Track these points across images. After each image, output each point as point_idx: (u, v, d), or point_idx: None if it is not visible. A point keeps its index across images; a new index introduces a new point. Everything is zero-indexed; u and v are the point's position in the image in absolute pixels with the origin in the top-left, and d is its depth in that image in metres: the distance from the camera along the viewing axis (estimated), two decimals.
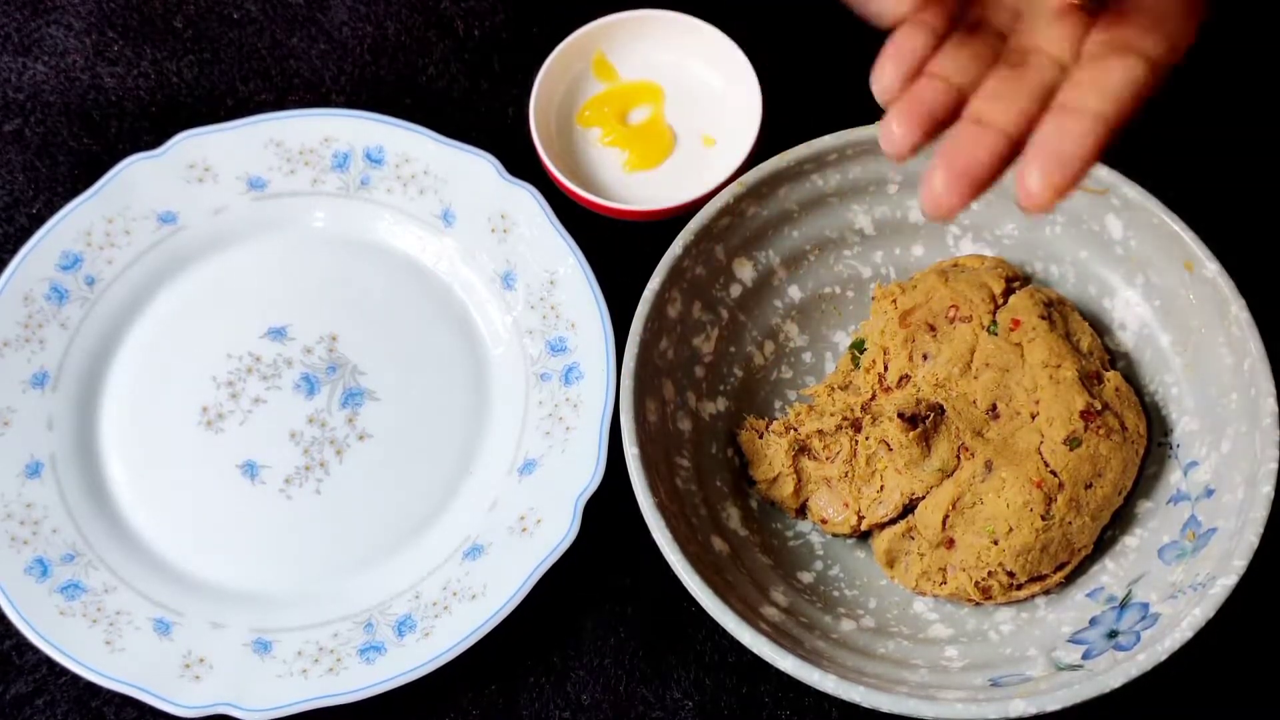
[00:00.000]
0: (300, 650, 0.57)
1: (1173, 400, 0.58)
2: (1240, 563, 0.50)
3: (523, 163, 0.66)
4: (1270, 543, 0.51)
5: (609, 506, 0.58)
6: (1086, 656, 0.52)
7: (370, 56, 0.71)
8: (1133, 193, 0.57)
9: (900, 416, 0.55)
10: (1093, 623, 0.54)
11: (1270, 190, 0.66)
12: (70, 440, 0.62)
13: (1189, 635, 0.49)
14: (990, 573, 0.55)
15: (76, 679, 0.58)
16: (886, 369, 0.58)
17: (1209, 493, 0.54)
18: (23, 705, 0.58)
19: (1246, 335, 0.54)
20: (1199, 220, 0.56)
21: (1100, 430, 0.55)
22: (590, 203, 0.64)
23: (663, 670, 0.58)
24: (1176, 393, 0.58)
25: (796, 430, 0.58)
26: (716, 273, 0.60)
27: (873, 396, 0.58)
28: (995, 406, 0.56)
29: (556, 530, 0.57)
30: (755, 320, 0.62)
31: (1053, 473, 0.55)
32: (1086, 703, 0.48)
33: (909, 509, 0.56)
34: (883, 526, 0.57)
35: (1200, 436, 0.56)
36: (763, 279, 0.62)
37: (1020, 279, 0.60)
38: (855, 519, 0.57)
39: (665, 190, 0.66)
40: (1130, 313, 0.60)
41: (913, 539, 0.56)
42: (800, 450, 0.58)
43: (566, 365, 0.62)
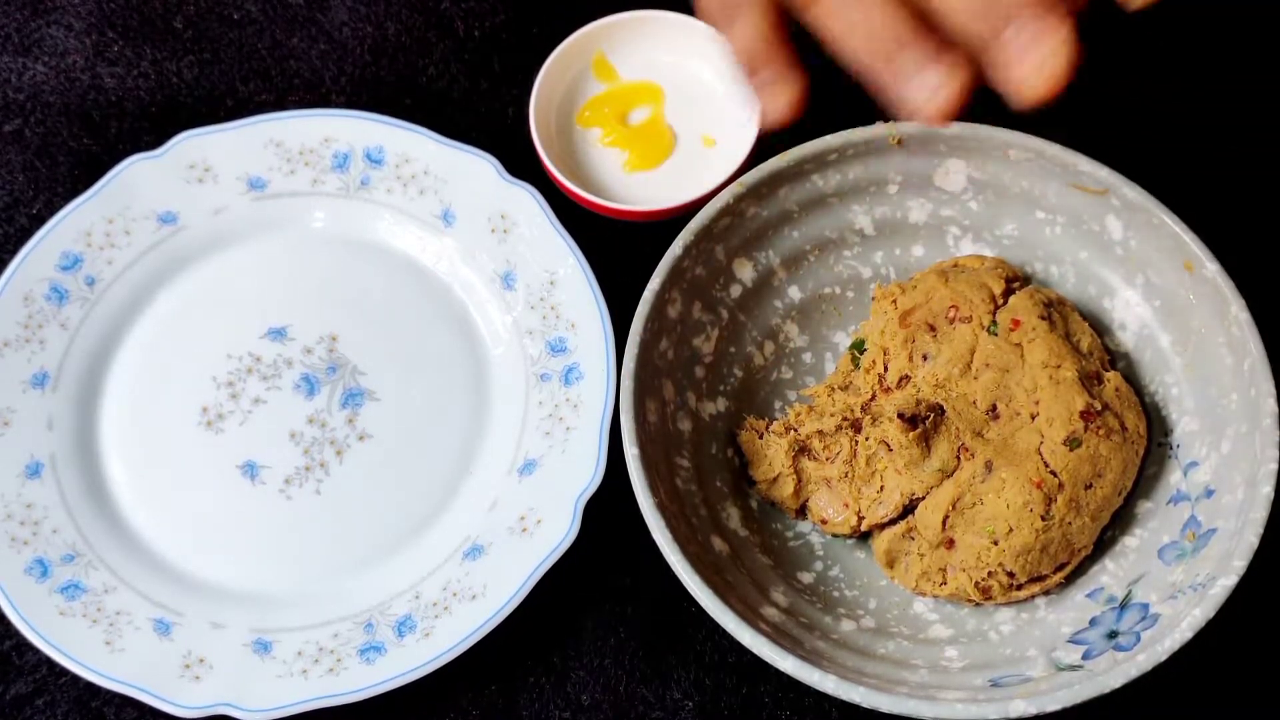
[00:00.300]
0: (300, 650, 0.57)
1: (1173, 400, 0.58)
2: (1240, 563, 0.50)
3: (523, 163, 0.66)
4: (1270, 543, 0.51)
5: (609, 506, 0.58)
6: (1086, 657, 0.52)
7: (370, 56, 0.71)
8: (1133, 193, 0.57)
9: (900, 417, 0.55)
10: (1093, 623, 0.54)
11: (1270, 190, 0.66)
12: (70, 440, 0.62)
13: (1189, 635, 0.49)
14: (990, 573, 0.55)
15: (76, 679, 0.58)
16: (886, 369, 0.58)
17: (1209, 493, 0.54)
18: (23, 705, 0.58)
19: (1246, 335, 0.54)
20: (1199, 220, 0.56)
21: (1100, 430, 0.55)
22: (590, 203, 0.64)
23: (663, 670, 0.58)
24: (1176, 393, 0.58)
25: (796, 430, 0.58)
26: (716, 273, 0.60)
27: (873, 397, 0.58)
28: (995, 407, 0.56)
29: (556, 530, 0.57)
30: (755, 320, 0.62)
31: (1053, 473, 0.55)
32: (1086, 703, 0.48)
33: (909, 509, 0.56)
34: (883, 527, 0.57)
35: (1200, 436, 0.56)
36: (763, 279, 0.62)
37: (1020, 279, 0.60)
38: (855, 519, 0.57)
39: (665, 190, 0.66)
40: (1130, 313, 0.60)
41: (913, 539, 0.56)
42: (800, 450, 0.58)
43: (566, 365, 0.62)
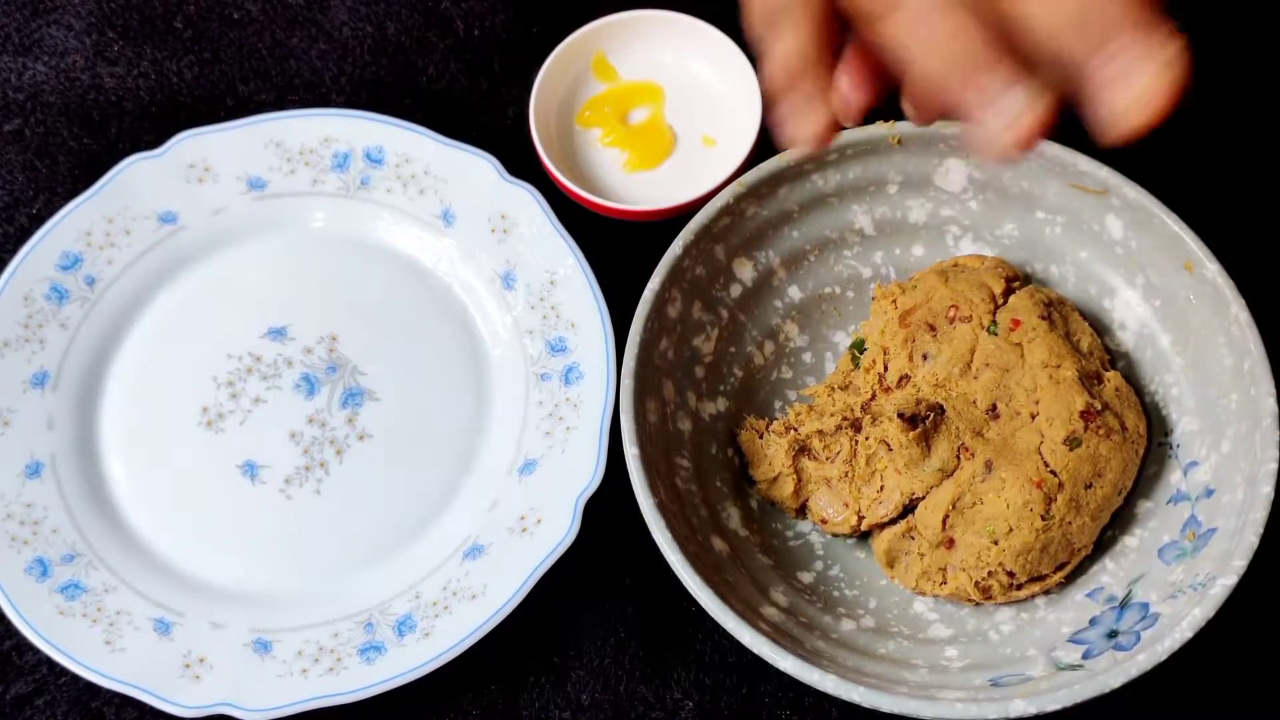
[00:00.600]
0: (300, 650, 0.57)
1: (1173, 400, 0.58)
2: (1240, 563, 0.50)
3: (523, 163, 0.66)
4: (1270, 543, 0.51)
5: (609, 506, 0.58)
6: (1086, 656, 0.52)
7: (370, 56, 0.71)
8: (1133, 193, 0.57)
9: (900, 416, 0.55)
10: (1093, 623, 0.54)
11: (1270, 190, 0.66)
12: (70, 440, 0.62)
13: (1189, 635, 0.49)
14: (990, 573, 0.55)
15: (76, 679, 0.58)
16: (886, 369, 0.58)
17: (1209, 493, 0.54)
18: (23, 705, 0.58)
19: (1246, 335, 0.54)
20: (1199, 220, 0.56)
21: (1100, 430, 0.55)
22: (590, 203, 0.64)
23: (663, 670, 0.58)
24: (1176, 393, 0.58)
25: (796, 430, 0.58)
26: (716, 273, 0.60)
27: (873, 396, 0.58)
28: (995, 406, 0.56)
29: (556, 530, 0.57)
30: (755, 320, 0.62)
31: (1053, 473, 0.55)
32: (1086, 703, 0.48)
33: (909, 509, 0.56)
34: (883, 526, 0.57)
35: (1200, 436, 0.56)
36: (763, 279, 0.62)
37: (1020, 279, 0.60)
38: (855, 519, 0.57)
39: (665, 190, 0.66)
40: (1130, 313, 0.60)
41: (913, 539, 0.56)
42: (800, 450, 0.58)
43: (566, 365, 0.62)
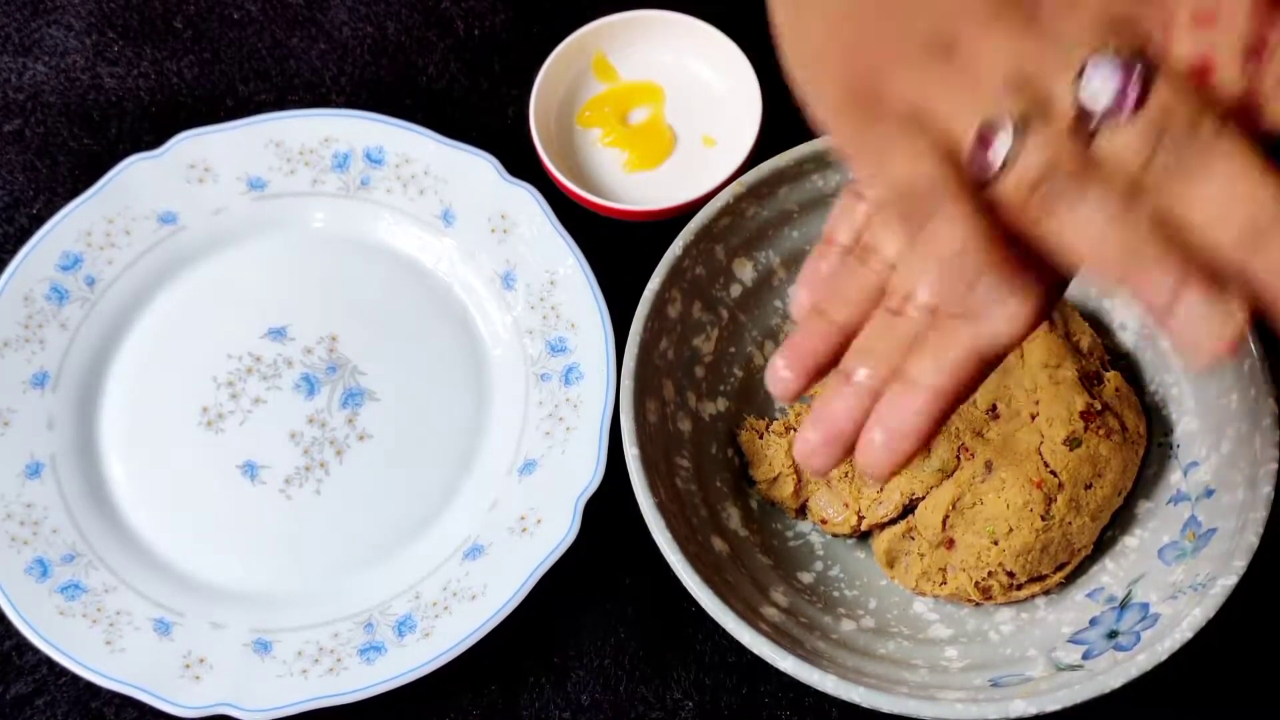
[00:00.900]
0: (300, 650, 0.57)
1: (1173, 400, 0.58)
2: (1240, 563, 0.50)
3: (523, 163, 0.66)
4: (1270, 543, 0.51)
5: (609, 506, 0.58)
6: (1086, 656, 0.52)
7: (370, 56, 0.71)
8: None
9: None
10: (1093, 623, 0.54)
11: None
12: (70, 440, 0.62)
13: (1189, 635, 0.49)
14: (990, 573, 0.55)
15: (76, 679, 0.58)
16: None
17: (1209, 493, 0.54)
18: (23, 705, 0.58)
19: (1246, 335, 0.54)
20: None
21: (1100, 430, 0.55)
22: (590, 203, 0.64)
23: (663, 670, 0.58)
24: (1176, 393, 0.58)
25: (796, 430, 0.58)
26: (716, 273, 0.60)
27: None
28: (995, 406, 0.56)
29: (556, 530, 0.57)
30: (755, 320, 0.62)
31: (1053, 473, 0.55)
32: (1086, 703, 0.48)
33: (909, 509, 0.56)
34: (883, 527, 0.57)
35: (1200, 436, 0.56)
36: (763, 279, 0.62)
37: None
38: (855, 519, 0.57)
39: (665, 190, 0.66)
40: (1130, 313, 0.60)
41: (913, 539, 0.56)
42: None
43: (566, 365, 0.62)
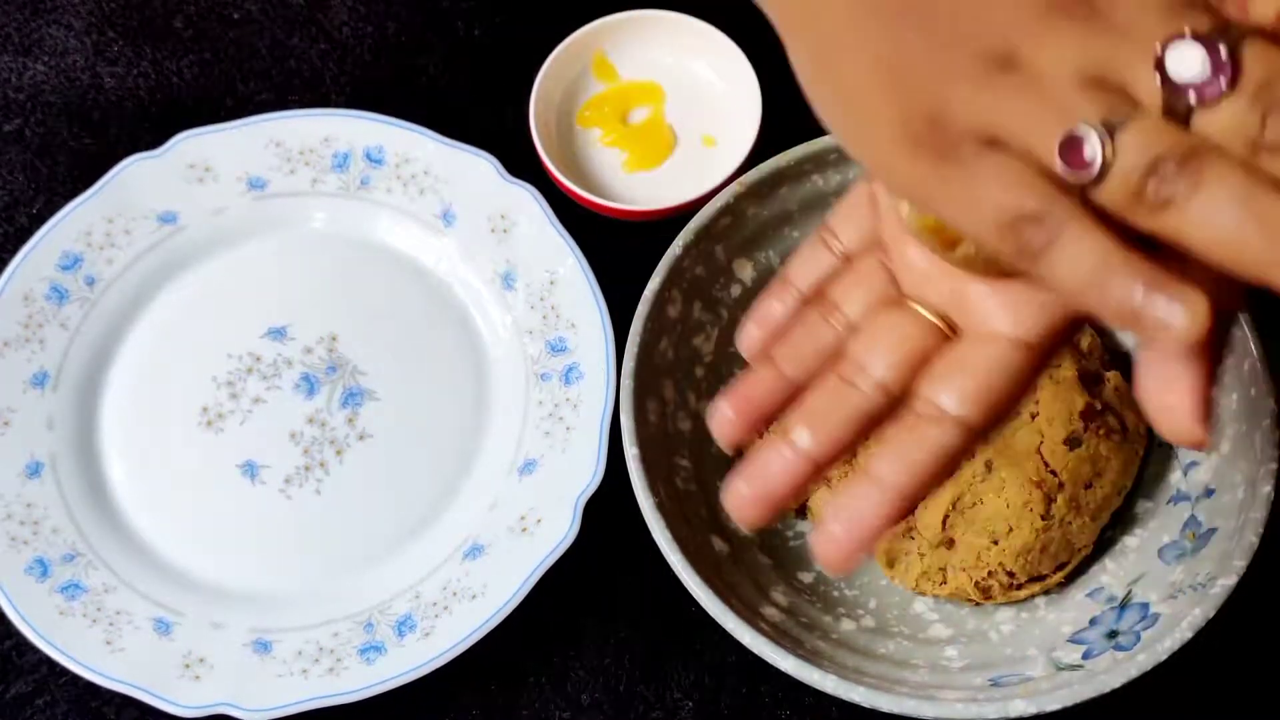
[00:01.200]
0: (300, 650, 0.57)
1: None
2: (1240, 563, 0.50)
3: (523, 163, 0.66)
4: (1270, 543, 0.51)
5: (609, 506, 0.58)
6: (1086, 656, 0.52)
7: (370, 56, 0.71)
8: None
9: None
10: (1093, 623, 0.54)
11: None
12: (70, 440, 0.62)
13: (1189, 635, 0.49)
14: (990, 573, 0.55)
15: (76, 679, 0.58)
16: None
17: (1209, 493, 0.54)
18: (23, 705, 0.58)
19: (1247, 335, 0.54)
20: None
21: (1100, 430, 0.55)
22: (590, 203, 0.64)
23: (663, 670, 0.58)
24: None
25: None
26: (716, 273, 0.60)
27: None
28: None
29: (556, 530, 0.57)
30: None
31: (1052, 473, 0.55)
32: (1086, 703, 0.48)
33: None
34: None
35: None
36: (763, 279, 0.62)
37: None
38: None
39: (665, 190, 0.66)
40: None
41: (913, 539, 0.56)
42: None
43: (566, 365, 0.62)
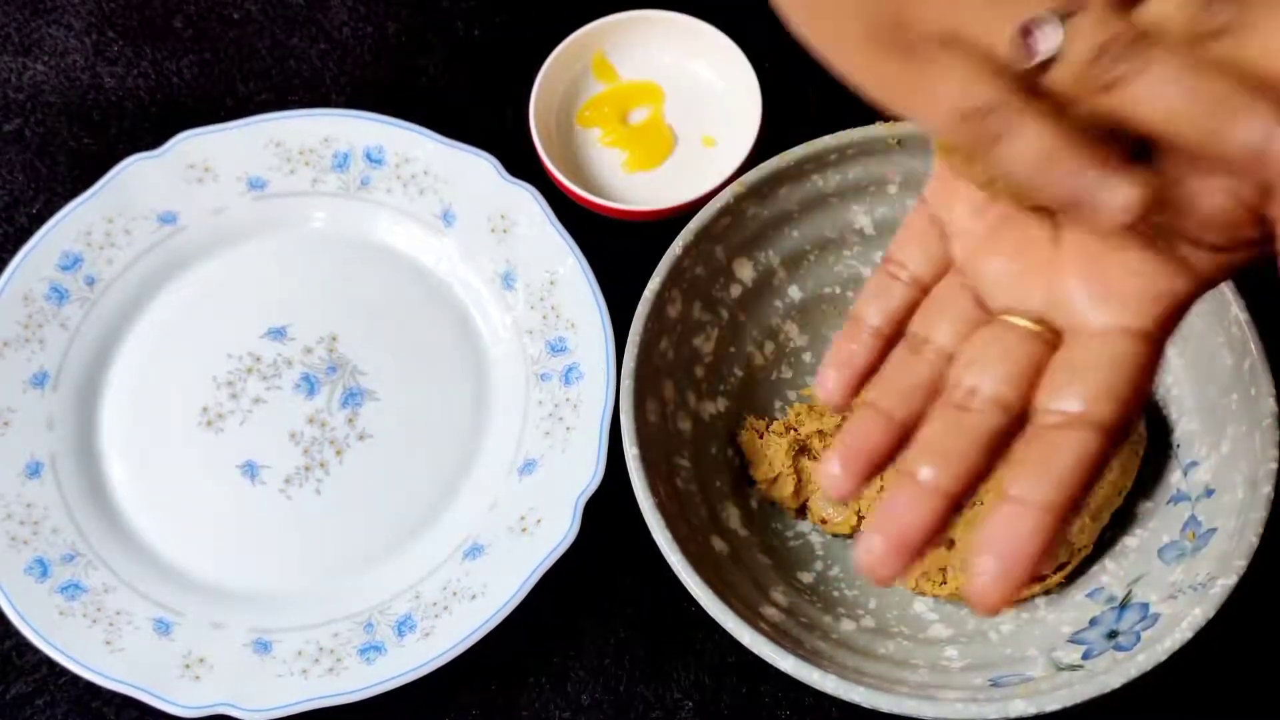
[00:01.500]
0: (300, 650, 0.57)
1: (1173, 400, 0.58)
2: (1240, 563, 0.50)
3: (523, 163, 0.66)
4: (1270, 543, 0.51)
5: (609, 506, 0.58)
6: (1086, 656, 0.52)
7: (370, 56, 0.71)
8: None
9: None
10: (1093, 623, 0.54)
11: None
12: (70, 440, 0.62)
13: (1189, 635, 0.49)
14: None
15: (76, 679, 0.58)
16: None
17: (1209, 493, 0.54)
18: (23, 705, 0.58)
19: (1246, 335, 0.54)
20: None
21: None
22: (590, 203, 0.64)
23: (663, 670, 0.58)
24: (1176, 393, 0.58)
25: (796, 430, 0.58)
26: (716, 273, 0.60)
27: None
28: None
29: (556, 530, 0.57)
30: (755, 320, 0.62)
31: None
32: (1086, 703, 0.48)
33: None
34: None
35: (1200, 436, 0.56)
36: (763, 279, 0.62)
37: None
38: (855, 519, 0.57)
39: (665, 190, 0.66)
40: None
41: None
42: (800, 450, 0.58)
43: (566, 365, 0.62)
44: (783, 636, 0.52)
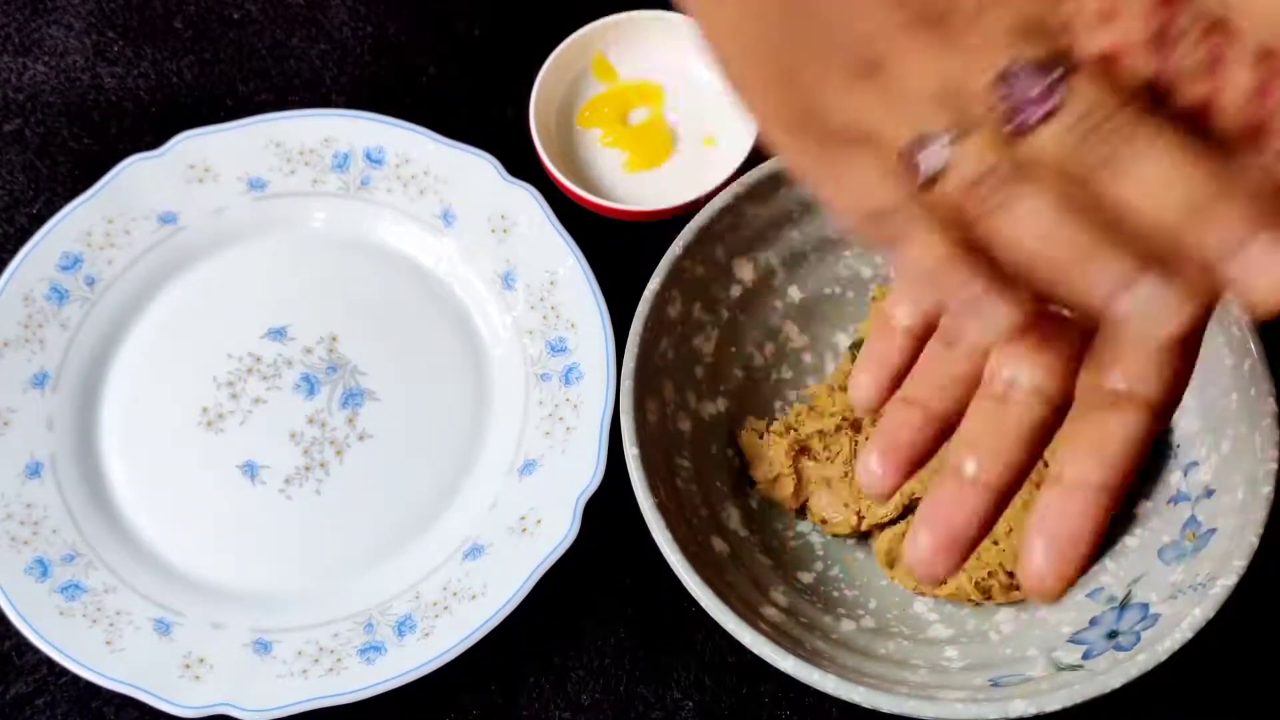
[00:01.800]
0: (300, 650, 0.57)
1: None
2: (1240, 563, 0.50)
3: (523, 163, 0.66)
4: (1270, 543, 0.51)
5: (609, 506, 0.58)
6: (1086, 656, 0.52)
7: (370, 56, 0.71)
8: None
9: None
10: (1093, 623, 0.54)
11: None
12: (70, 440, 0.62)
13: (1189, 635, 0.49)
14: (990, 573, 0.55)
15: (76, 679, 0.58)
16: None
17: (1209, 493, 0.54)
18: (23, 705, 0.58)
19: (1246, 335, 0.54)
20: None
21: None
22: (590, 203, 0.64)
23: (663, 670, 0.58)
24: None
25: (797, 430, 0.58)
26: (716, 273, 0.60)
27: None
28: None
29: (556, 530, 0.57)
30: (755, 320, 0.62)
31: None
32: (1086, 703, 0.48)
33: (909, 509, 0.56)
34: (883, 527, 0.57)
35: (1200, 436, 0.56)
36: (763, 279, 0.62)
37: None
38: (855, 519, 0.57)
39: (665, 190, 0.66)
40: None
41: None
42: (800, 451, 0.58)
43: (566, 365, 0.62)
44: (783, 636, 0.52)
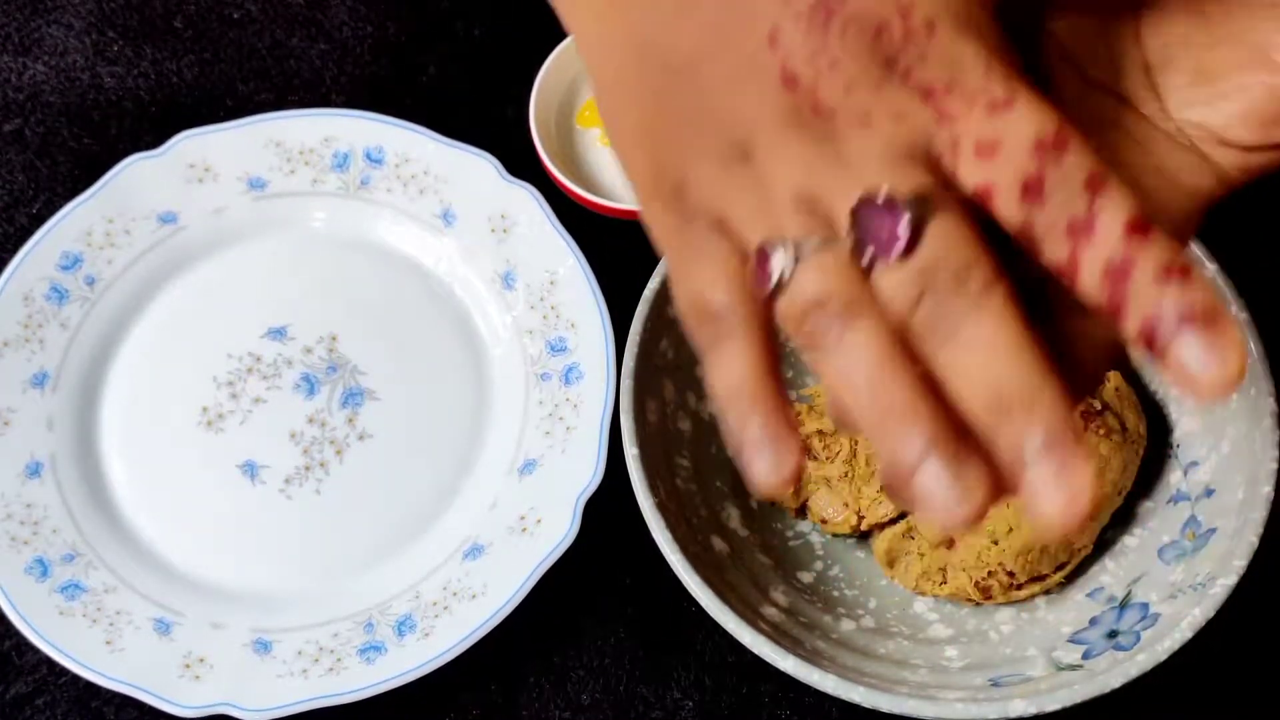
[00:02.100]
0: (300, 650, 0.57)
1: (1173, 400, 0.58)
2: (1240, 563, 0.50)
3: (523, 163, 0.66)
4: (1270, 543, 0.51)
5: (609, 506, 0.58)
6: (1086, 656, 0.52)
7: (370, 56, 0.71)
8: None
9: None
10: (1093, 623, 0.54)
11: (1269, 190, 0.66)
12: (70, 440, 0.62)
13: (1189, 635, 0.49)
14: (990, 573, 0.55)
15: (76, 679, 0.58)
16: None
17: (1209, 493, 0.54)
18: (23, 705, 0.58)
19: (1246, 335, 0.54)
20: None
21: (1100, 430, 0.55)
22: (590, 203, 0.64)
23: (663, 670, 0.58)
24: (1177, 392, 0.58)
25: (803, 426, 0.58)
26: None
27: None
28: None
29: (556, 530, 0.57)
30: None
31: None
32: (1086, 703, 0.48)
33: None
34: (883, 526, 0.57)
35: (1200, 436, 0.56)
36: None
37: None
38: (855, 519, 0.57)
39: None
40: None
41: (913, 539, 0.56)
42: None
43: (566, 365, 0.62)
44: (783, 636, 0.52)
